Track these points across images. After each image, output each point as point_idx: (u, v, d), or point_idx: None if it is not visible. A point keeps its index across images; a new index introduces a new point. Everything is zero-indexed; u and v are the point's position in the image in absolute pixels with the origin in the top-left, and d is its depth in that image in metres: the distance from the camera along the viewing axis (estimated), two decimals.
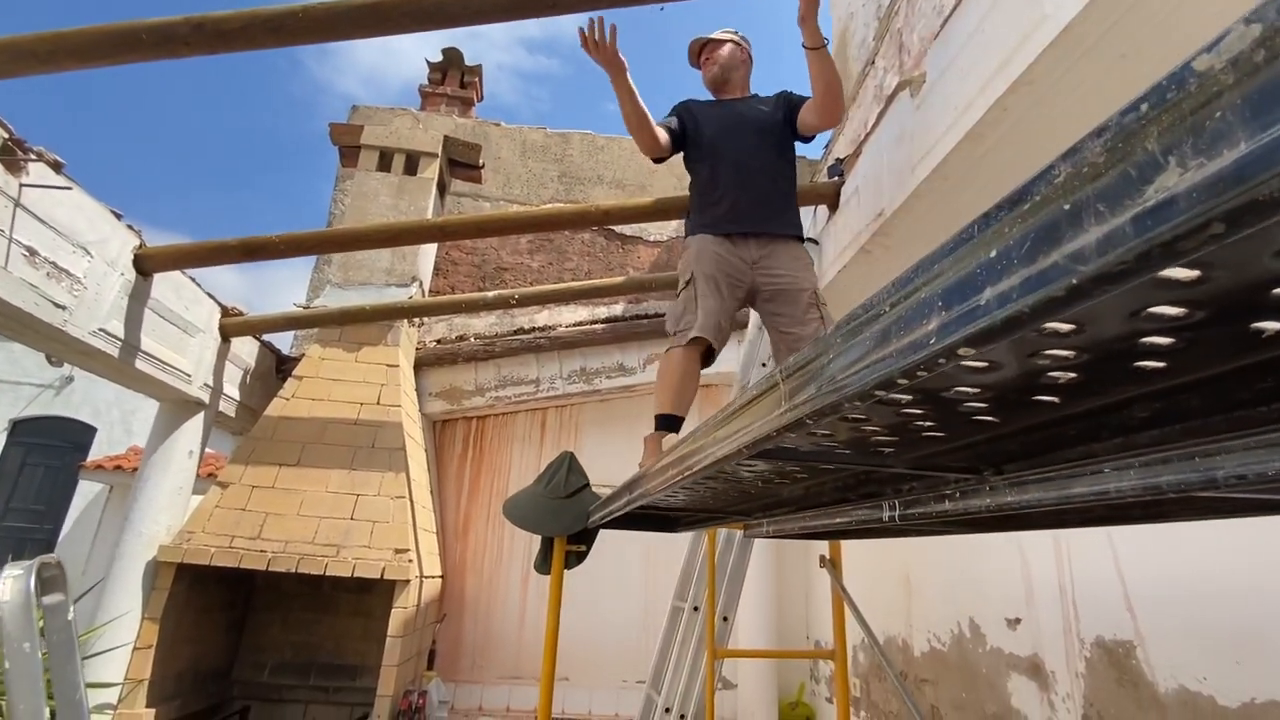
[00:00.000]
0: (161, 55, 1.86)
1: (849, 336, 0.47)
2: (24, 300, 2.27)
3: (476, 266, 5.49)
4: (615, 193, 6.02)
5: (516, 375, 4.78)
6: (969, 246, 0.35)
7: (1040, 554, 2.57)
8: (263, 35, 1.81)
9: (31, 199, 2.29)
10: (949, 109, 2.17)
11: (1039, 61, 1.75)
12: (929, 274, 0.38)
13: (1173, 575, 2.02)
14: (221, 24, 1.81)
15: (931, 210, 2.50)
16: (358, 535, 3.39)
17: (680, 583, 3.00)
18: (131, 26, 1.82)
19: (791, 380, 0.57)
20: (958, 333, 0.35)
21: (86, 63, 1.88)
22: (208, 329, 3.47)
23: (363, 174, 4.54)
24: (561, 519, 2.30)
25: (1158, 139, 0.25)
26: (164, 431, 3.44)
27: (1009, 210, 0.32)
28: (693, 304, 1.89)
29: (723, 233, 1.99)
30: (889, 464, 0.81)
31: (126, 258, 2.77)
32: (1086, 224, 0.27)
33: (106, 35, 1.83)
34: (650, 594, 4.64)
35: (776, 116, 2.17)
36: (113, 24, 1.82)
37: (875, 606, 3.48)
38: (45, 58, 1.84)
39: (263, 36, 1.81)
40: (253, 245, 2.81)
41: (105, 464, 9.08)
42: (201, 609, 3.57)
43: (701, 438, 0.84)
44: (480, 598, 4.57)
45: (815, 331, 1.91)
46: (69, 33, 1.83)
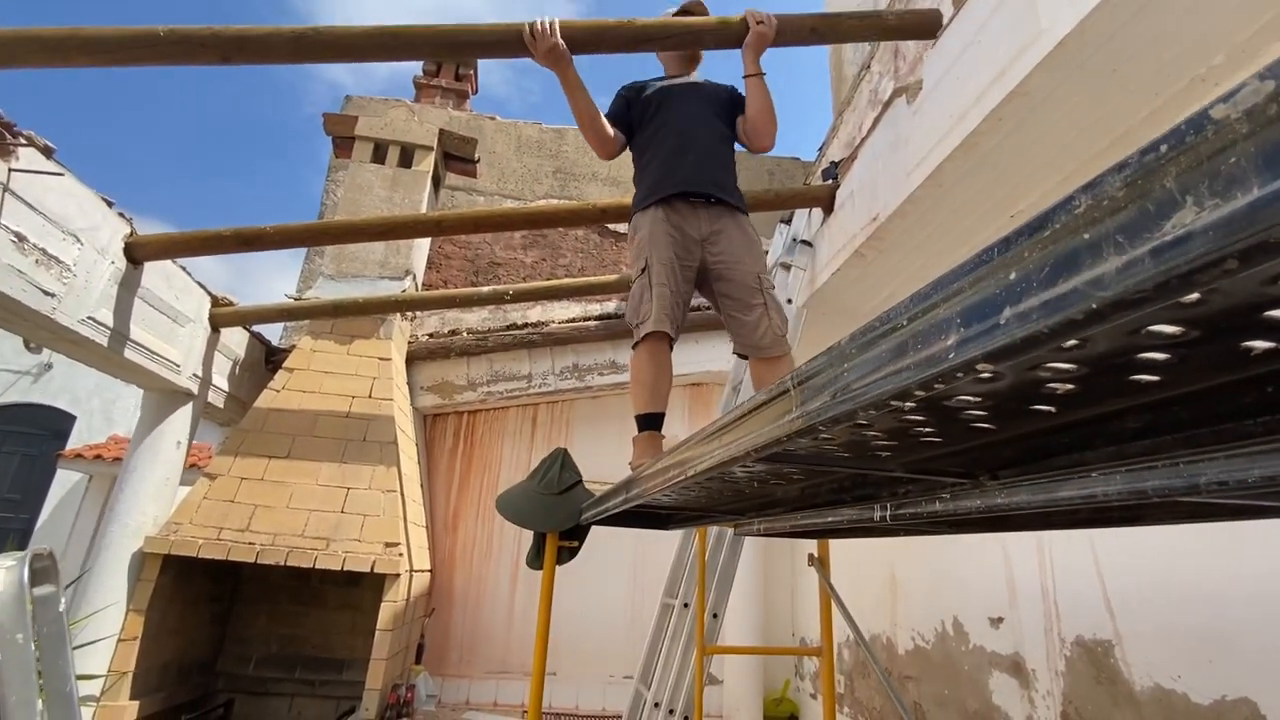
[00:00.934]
0: (178, 61, 1.85)
1: (865, 348, 0.49)
2: (11, 287, 2.24)
3: (470, 261, 5.48)
4: (610, 189, 6.02)
5: (509, 371, 4.78)
6: (988, 268, 0.37)
7: (1023, 555, 2.63)
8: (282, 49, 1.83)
9: (21, 184, 2.26)
10: (945, 116, 2.20)
11: (1034, 74, 1.78)
12: (948, 292, 0.40)
13: (1150, 578, 2.08)
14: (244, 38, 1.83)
15: (926, 215, 2.54)
16: (348, 528, 3.38)
17: (670, 579, 3.02)
18: (151, 32, 1.82)
19: (804, 388, 0.59)
20: (977, 349, 0.37)
21: (101, 61, 1.87)
22: (197, 319, 3.43)
23: (357, 165, 4.50)
24: (555, 515, 2.31)
25: (1176, 179, 0.26)
26: (151, 422, 3.40)
27: (1028, 236, 0.34)
28: (648, 293, 1.85)
29: (672, 194, 1.93)
30: (888, 468, 0.83)
31: (117, 246, 2.74)
32: (1106, 253, 0.29)
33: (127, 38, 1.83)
34: (638, 590, 4.67)
35: (724, 100, 2.16)
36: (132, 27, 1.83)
37: (861, 605, 3.53)
38: (58, 52, 1.84)
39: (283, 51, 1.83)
40: (247, 235, 2.79)
41: (85, 453, 8.96)
42: (187, 601, 3.54)
43: (704, 441, 0.85)
44: (468, 592, 4.57)
45: (760, 318, 1.88)
46: (88, 34, 1.83)
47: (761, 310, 1.87)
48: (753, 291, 1.89)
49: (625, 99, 2.11)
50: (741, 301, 1.89)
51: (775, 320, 1.88)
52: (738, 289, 1.90)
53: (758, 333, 1.87)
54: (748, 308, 1.88)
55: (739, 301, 1.90)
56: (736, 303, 1.90)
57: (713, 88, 2.15)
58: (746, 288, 1.89)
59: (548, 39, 1.93)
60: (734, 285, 1.91)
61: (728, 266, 1.91)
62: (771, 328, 1.87)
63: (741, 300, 1.89)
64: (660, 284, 1.83)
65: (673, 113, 2.05)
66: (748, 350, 1.93)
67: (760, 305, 1.88)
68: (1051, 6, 1.70)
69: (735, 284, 1.90)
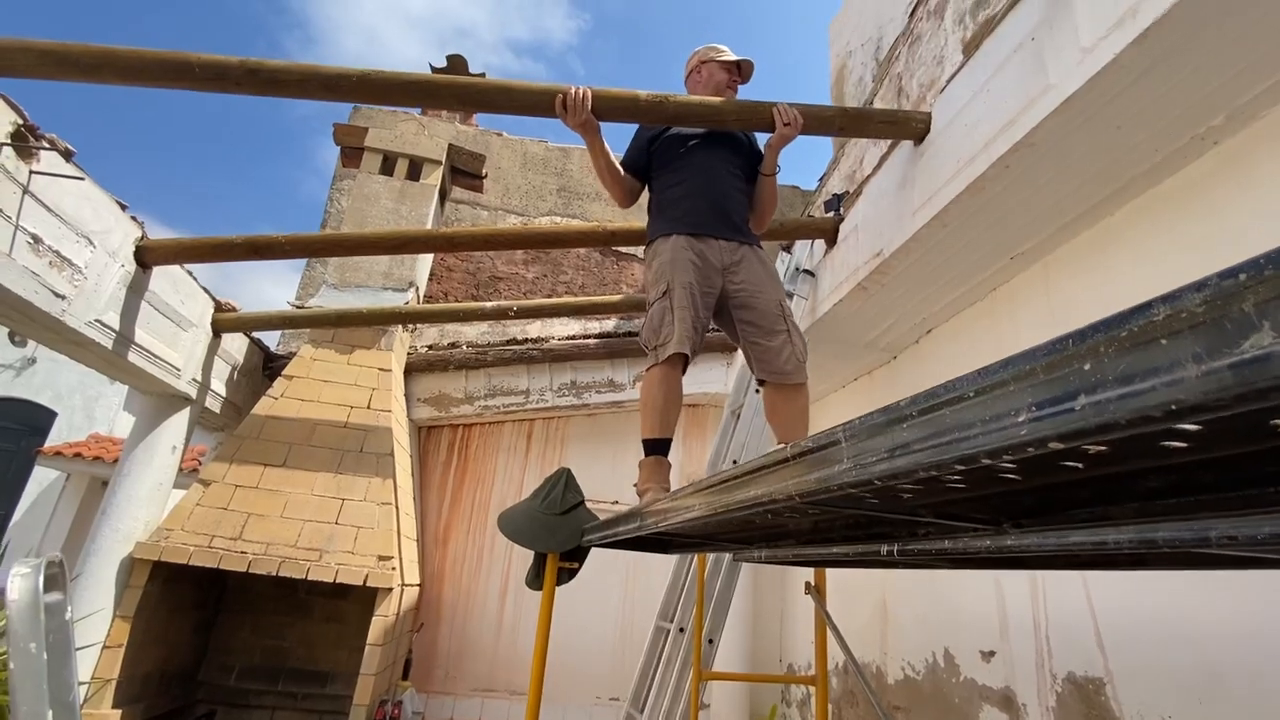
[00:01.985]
0: (210, 89, 1.90)
1: (926, 412, 0.53)
2: (24, 289, 2.24)
3: (471, 274, 5.50)
4: (613, 209, 6.09)
5: (507, 385, 4.78)
6: (1062, 356, 0.40)
7: (1016, 589, 2.66)
8: (317, 89, 1.89)
9: (40, 186, 2.26)
10: (952, 160, 2.27)
11: (1041, 126, 1.86)
12: (1018, 372, 0.44)
13: (1142, 616, 2.12)
14: (278, 73, 1.87)
15: (929, 252, 2.60)
16: (342, 540, 3.36)
17: (665, 602, 3.02)
18: (185, 57, 1.86)
19: (856, 441, 0.63)
20: (1051, 429, 0.40)
21: (130, 81, 1.91)
22: (200, 324, 3.43)
23: (365, 176, 4.53)
24: (557, 535, 2.31)
25: (1254, 305, 0.30)
26: (147, 425, 3.38)
27: (1104, 333, 0.38)
28: (669, 315, 1.89)
29: (692, 231, 2.00)
30: (916, 512, 0.87)
31: (128, 249, 2.74)
32: (1184, 361, 0.33)
33: (161, 60, 1.87)
34: (629, 611, 4.65)
35: (744, 149, 2.26)
36: (168, 51, 1.87)
37: (850, 633, 3.54)
38: (89, 69, 1.87)
39: (316, 90, 1.89)
40: (258, 244, 2.81)
41: (65, 450, 8.81)
42: (172, 608, 3.49)
43: (742, 485, 0.88)
44: (457, 607, 4.53)
45: (784, 343, 1.94)
46: (121, 52, 1.87)
47: (785, 336, 1.93)
48: (776, 318, 1.95)
49: (647, 138, 2.19)
50: (765, 328, 1.95)
51: (798, 346, 1.94)
52: (761, 316, 1.96)
53: (781, 358, 1.92)
54: (771, 334, 1.93)
55: (762, 328, 1.95)
56: (759, 329, 1.95)
57: (734, 137, 2.23)
58: (770, 314, 1.95)
59: (580, 114, 1.99)
60: (757, 313, 1.96)
61: (750, 295, 1.97)
62: (795, 353, 1.92)
63: (765, 327, 1.95)
64: (683, 307, 1.88)
65: (699, 154, 2.13)
66: (769, 376, 1.96)
67: (784, 331, 1.93)
68: (1060, 65, 1.77)
69: (759, 311, 1.96)
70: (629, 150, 2.24)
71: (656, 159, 2.17)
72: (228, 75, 1.88)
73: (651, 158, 2.18)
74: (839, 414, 4.15)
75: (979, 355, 2.86)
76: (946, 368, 3.11)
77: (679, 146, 2.15)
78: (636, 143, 2.24)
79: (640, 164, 2.19)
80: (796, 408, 1.97)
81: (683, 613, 2.83)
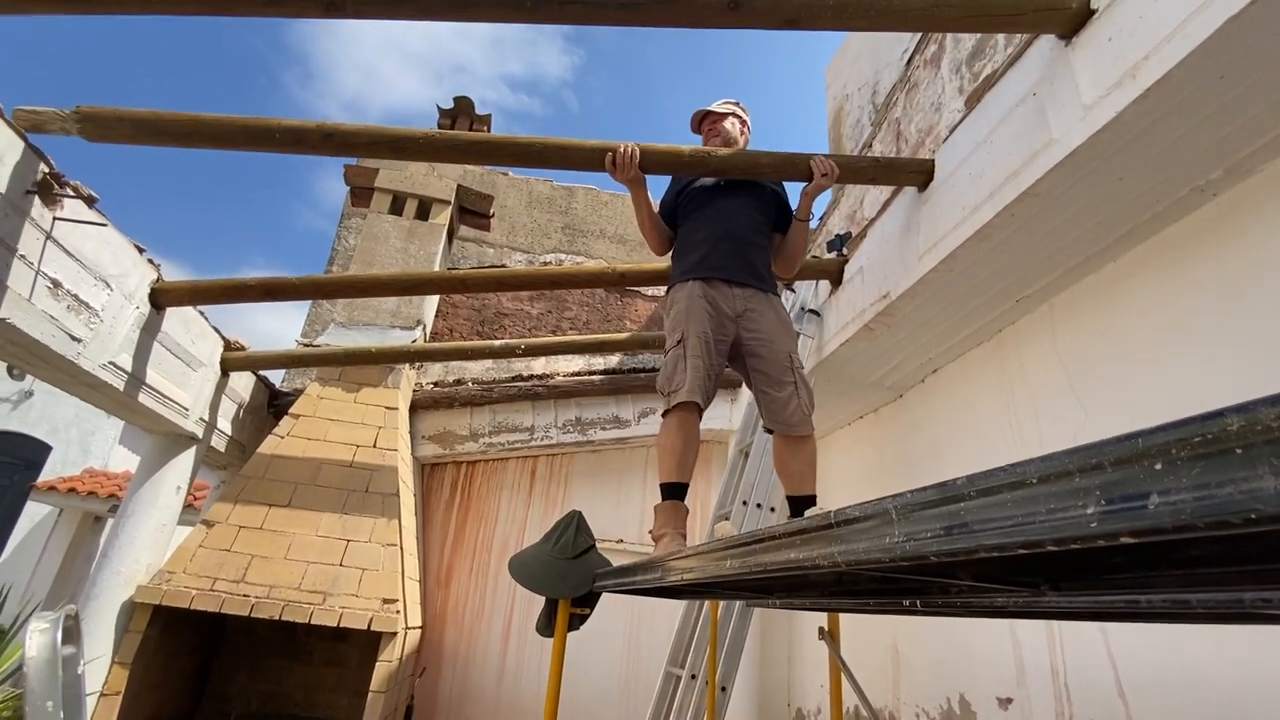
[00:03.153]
0: (289, 151, 2.00)
1: (985, 493, 0.54)
2: (42, 333, 2.26)
3: (476, 310, 5.55)
4: (617, 247, 6.18)
5: (511, 422, 4.78)
6: (1132, 452, 0.42)
7: (1031, 634, 2.63)
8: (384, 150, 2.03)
9: (62, 231, 2.30)
10: (957, 207, 2.33)
11: (1045, 178, 1.91)
12: (1083, 463, 0.45)
13: (1162, 662, 2.09)
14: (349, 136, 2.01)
15: (936, 295, 2.64)
16: (346, 583, 3.31)
17: (674, 647, 2.97)
18: (268, 124, 2.01)
19: (908, 514, 0.64)
20: (1124, 524, 0.42)
21: (218, 146, 2.07)
22: (210, 363, 3.44)
23: (375, 216, 4.61)
24: (569, 580, 2.28)
25: None
26: (153, 465, 3.36)
27: (1173, 432, 0.40)
28: (683, 364, 1.94)
29: (707, 277, 2.06)
30: (955, 574, 0.87)
31: (143, 291, 2.77)
32: (1262, 471, 0.35)
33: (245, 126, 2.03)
34: (633, 655, 4.56)
35: (767, 196, 2.33)
36: (252, 118, 2.04)
37: (861, 678, 3.47)
38: (181, 136, 2.04)
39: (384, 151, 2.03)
40: (272, 286, 2.84)
41: (59, 485, 8.70)
42: (170, 653, 3.41)
43: (780, 547, 0.88)
44: (459, 651, 4.44)
45: (790, 396, 1.98)
46: (208, 121, 2.03)
47: (792, 389, 1.95)
48: (784, 370, 1.98)
49: (675, 189, 2.29)
50: (773, 378, 1.98)
51: (804, 400, 1.96)
52: (770, 365, 1.99)
53: (787, 410, 1.94)
54: (779, 385, 1.96)
55: (770, 378, 1.98)
56: (768, 379, 1.98)
57: (758, 185, 2.31)
58: (779, 365, 1.98)
59: (629, 171, 2.09)
60: (766, 362, 1.99)
61: (761, 344, 2.01)
62: (800, 406, 1.95)
63: (773, 377, 1.98)
64: (695, 356, 1.91)
65: (720, 201, 2.21)
66: (776, 426, 1.99)
67: (791, 384, 1.96)
68: (1062, 120, 1.84)
69: (768, 361, 1.99)
70: (663, 200, 2.34)
71: (682, 208, 2.26)
72: (305, 140, 2.03)
73: (678, 207, 2.28)
74: (844, 452, 4.15)
75: (985, 395, 2.88)
76: (953, 407, 3.13)
77: (703, 194, 2.24)
78: (668, 193, 2.34)
79: (671, 203, 2.30)
80: (803, 459, 2.00)
81: (694, 658, 2.78)
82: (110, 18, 1.73)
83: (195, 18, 1.73)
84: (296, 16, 1.61)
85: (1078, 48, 1.81)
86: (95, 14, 1.78)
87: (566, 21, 1.67)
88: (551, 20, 1.66)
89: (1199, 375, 1.93)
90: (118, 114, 2.04)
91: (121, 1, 1.73)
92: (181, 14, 1.75)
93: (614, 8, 1.64)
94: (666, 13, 1.67)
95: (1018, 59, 2.10)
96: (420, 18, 1.69)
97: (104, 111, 2.05)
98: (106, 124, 2.04)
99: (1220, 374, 1.86)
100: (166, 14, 1.76)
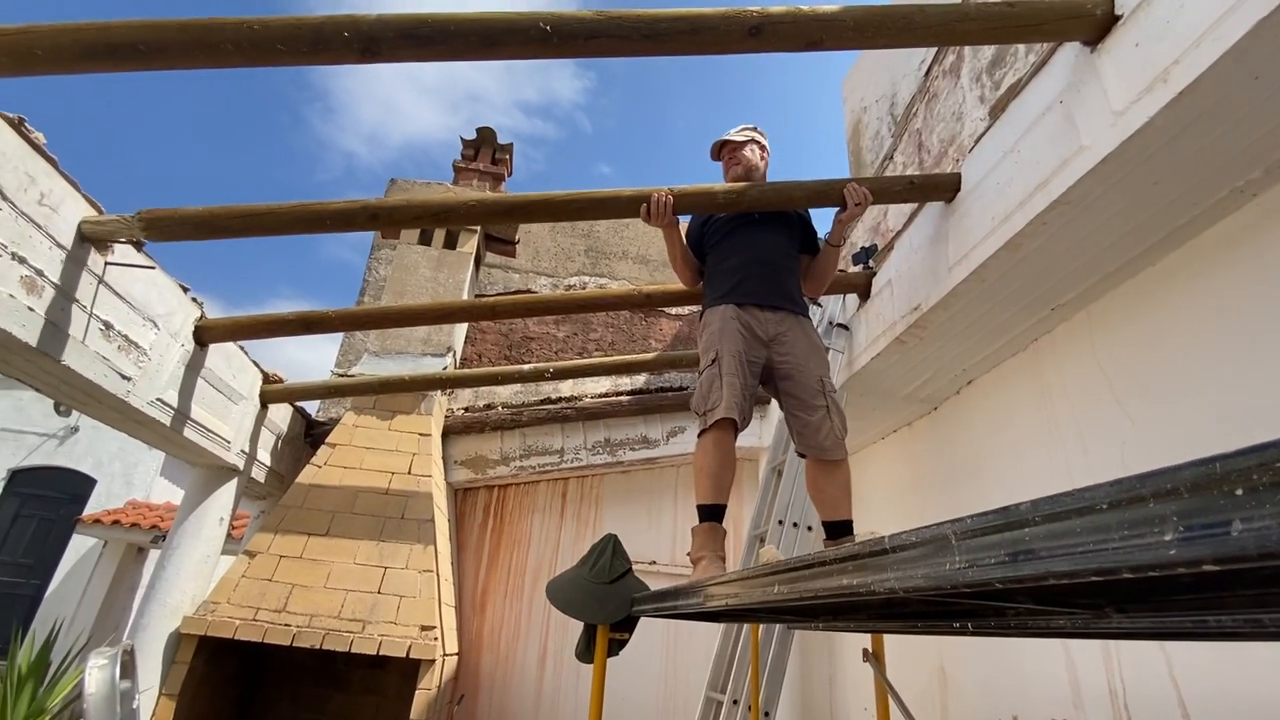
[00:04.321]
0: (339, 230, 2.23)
1: (1051, 519, 0.53)
2: (95, 373, 2.35)
3: (504, 335, 5.62)
4: (640, 268, 6.22)
5: (541, 445, 4.80)
6: (1210, 478, 0.41)
7: (1086, 653, 2.53)
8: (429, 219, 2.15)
9: (112, 275, 2.40)
10: (986, 218, 2.31)
11: (1077, 185, 1.89)
12: (1158, 488, 0.45)
13: (1228, 681, 2.00)
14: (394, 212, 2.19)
15: (968, 306, 2.61)
16: (384, 610, 3.34)
17: (714, 672, 2.93)
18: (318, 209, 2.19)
19: (968, 539, 0.63)
20: (1207, 550, 0.41)
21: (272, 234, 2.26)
22: (250, 396, 3.53)
23: (404, 247, 4.72)
24: (606, 606, 2.27)
25: None
26: (196, 498, 3.45)
27: (1253, 457, 0.39)
28: (718, 382, 1.96)
29: (740, 301, 2.11)
30: (1015, 598, 0.85)
31: (188, 329, 2.87)
32: None
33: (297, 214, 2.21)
34: (671, 676, 4.50)
35: (794, 223, 2.40)
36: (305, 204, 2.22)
37: (907, 699, 3.37)
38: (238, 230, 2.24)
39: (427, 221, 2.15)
40: (310, 319, 2.92)
41: (104, 518, 8.91)
42: (215, 684, 3.47)
43: (831, 573, 0.87)
44: (495, 677, 4.43)
45: (822, 420, 1.99)
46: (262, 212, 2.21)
47: (824, 413, 1.95)
48: (815, 394, 1.98)
49: (700, 221, 2.36)
50: (805, 402, 1.98)
51: (836, 424, 1.96)
52: (801, 389, 1.99)
53: (820, 434, 1.94)
54: (810, 409, 1.97)
55: (802, 402, 1.98)
56: (800, 403, 1.99)
57: (784, 212, 2.39)
58: (810, 389, 1.99)
59: (664, 218, 2.18)
60: (798, 385, 2.00)
61: (793, 368, 2.02)
62: (833, 430, 1.94)
63: (805, 401, 1.98)
64: (730, 374, 1.93)
65: (749, 229, 2.26)
66: (808, 450, 1.99)
67: (823, 408, 1.96)
68: (1092, 126, 1.82)
69: (799, 384, 2.00)
70: (689, 231, 2.41)
71: (709, 237, 2.32)
72: (354, 220, 2.18)
73: (705, 237, 2.34)
74: (880, 466, 4.08)
75: (1023, 407, 2.82)
76: (990, 419, 3.07)
77: (731, 223, 2.29)
78: (694, 224, 2.41)
79: (698, 242, 2.37)
80: (838, 484, 1.99)
81: (734, 683, 2.73)
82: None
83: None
84: (335, 64, 1.68)
85: (1104, 54, 1.80)
86: (141, 71, 1.85)
87: (591, 55, 1.71)
88: (576, 55, 1.70)
89: (1246, 380, 1.87)
90: (178, 216, 2.23)
91: (166, 57, 1.81)
92: (225, 67, 1.83)
93: (637, 39, 1.68)
94: (690, 42, 1.70)
95: (1042, 67, 2.09)
96: (450, 58, 1.74)
97: (165, 215, 2.23)
98: (169, 227, 2.22)
99: (1268, 377, 1.80)
100: (211, 68, 1.84)
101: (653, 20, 1.70)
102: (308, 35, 1.68)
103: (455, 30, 1.69)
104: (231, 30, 1.67)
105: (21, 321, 2.02)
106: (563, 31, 1.70)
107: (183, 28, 1.67)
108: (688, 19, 1.71)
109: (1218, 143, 1.70)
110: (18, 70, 1.70)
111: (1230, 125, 1.63)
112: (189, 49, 1.69)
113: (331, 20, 1.69)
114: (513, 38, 1.69)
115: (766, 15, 1.73)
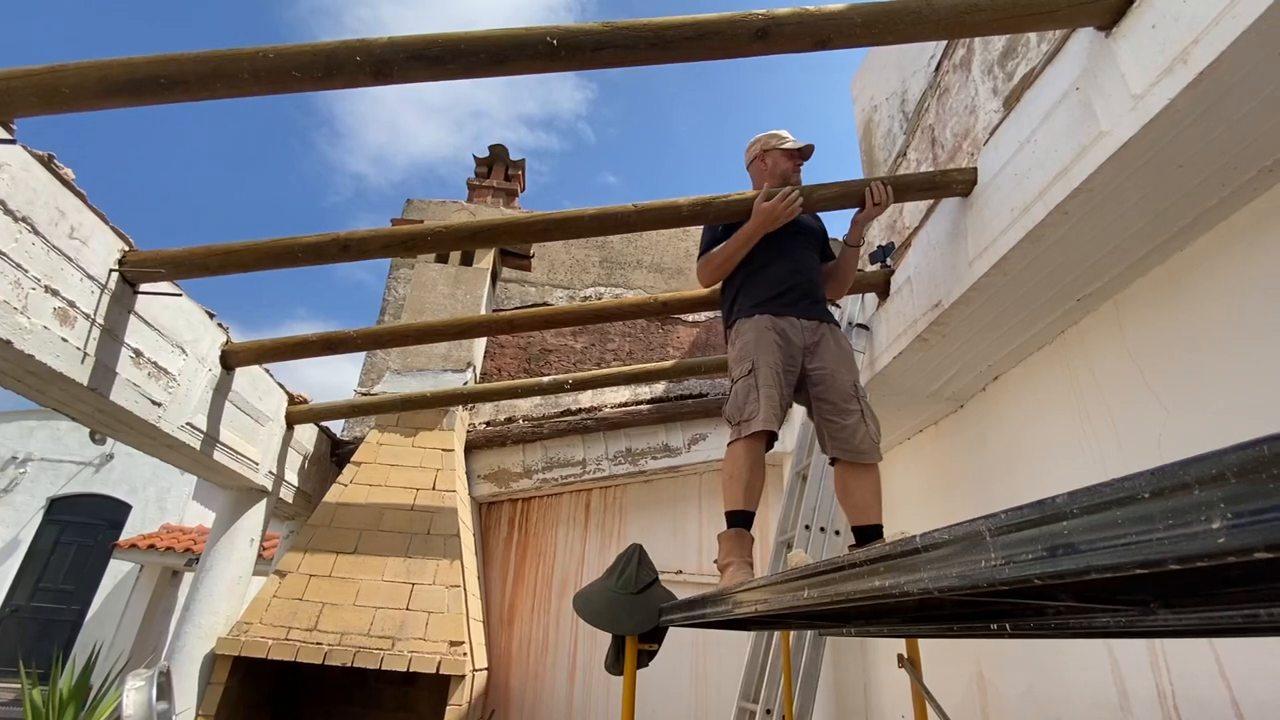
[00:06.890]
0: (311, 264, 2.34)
1: (1091, 510, 0.51)
2: (126, 399, 2.41)
3: (522, 348, 5.65)
4: (654, 276, 6.23)
5: (563, 457, 4.81)
6: (1256, 461, 0.40)
7: (1130, 654, 2.45)
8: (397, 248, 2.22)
9: (141, 304, 2.46)
10: (1005, 210, 2.27)
11: (1098, 172, 1.85)
12: (1202, 474, 0.43)
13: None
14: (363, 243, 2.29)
15: (990, 300, 2.56)
16: (413, 626, 3.35)
17: (745, 681, 2.89)
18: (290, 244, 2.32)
19: (1003, 535, 0.61)
20: (1258, 538, 0.39)
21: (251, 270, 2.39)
22: (276, 417, 3.59)
23: (422, 265, 4.78)
24: (634, 616, 2.26)
25: None
26: (227, 520, 3.50)
27: None
28: (755, 393, 1.95)
29: (776, 311, 2.12)
30: (1055, 595, 0.83)
31: (215, 354, 2.93)
32: None
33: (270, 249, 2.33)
34: (700, 685, 4.45)
35: (816, 231, 2.46)
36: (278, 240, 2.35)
37: (945, 706, 3.28)
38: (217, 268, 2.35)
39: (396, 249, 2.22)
40: (333, 340, 2.97)
41: (139, 543, 9.10)
42: (250, 704, 3.50)
43: (863, 575, 0.86)
44: (525, 691, 4.42)
45: (857, 423, 1.99)
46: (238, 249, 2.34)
47: (859, 417, 1.95)
48: (849, 398, 1.98)
49: (723, 226, 2.38)
50: (838, 407, 1.98)
51: (871, 427, 1.95)
52: (835, 394, 1.99)
53: (856, 437, 1.93)
54: (845, 413, 1.96)
55: (836, 406, 1.98)
56: (834, 407, 1.99)
57: (811, 223, 2.45)
58: (844, 394, 1.99)
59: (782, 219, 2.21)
60: (831, 390, 2.00)
61: (826, 374, 2.03)
62: (869, 434, 1.94)
63: (838, 405, 1.98)
64: (768, 385, 1.93)
65: (778, 237, 2.27)
66: (843, 454, 1.97)
67: (857, 412, 1.96)
68: (1111, 112, 1.78)
69: (832, 389, 2.00)
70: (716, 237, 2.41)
71: None
72: (324, 252, 2.28)
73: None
74: (905, 469, 4.01)
75: (1053, 400, 2.76)
76: (1019, 414, 3.00)
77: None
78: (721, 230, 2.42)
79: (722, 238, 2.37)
80: (869, 488, 1.97)
81: (767, 692, 2.69)
82: None
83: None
84: (348, 87, 1.71)
85: (1119, 37, 1.76)
86: (161, 104, 1.90)
87: (600, 66, 1.72)
88: (585, 67, 1.71)
89: None
90: (159, 257, 2.35)
91: (186, 89, 1.85)
92: (242, 96, 1.87)
93: (644, 49, 1.68)
94: (698, 48, 1.70)
95: (1055, 55, 2.06)
96: (460, 77, 1.77)
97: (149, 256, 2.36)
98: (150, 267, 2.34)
99: None
100: (229, 97, 1.88)
101: (660, 29, 1.71)
102: (322, 61, 1.71)
103: (465, 49, 1.71)
104: (248, 60, 1.71)
105: (56, 352, 2.08)
106: (570, 44, 1.71)
107: (201, 60, 1.72)
108: (694, 25, 1.71)
109: (1242, 122, 1.65)
110: (45, 109, 1.76)
111: (1255, 104, 1.59)
112: (207, 80, 1.73)
113: (345, 45, 1.73)
114: (521, 53, 1.71)
115: (773, 17, 1.73)
